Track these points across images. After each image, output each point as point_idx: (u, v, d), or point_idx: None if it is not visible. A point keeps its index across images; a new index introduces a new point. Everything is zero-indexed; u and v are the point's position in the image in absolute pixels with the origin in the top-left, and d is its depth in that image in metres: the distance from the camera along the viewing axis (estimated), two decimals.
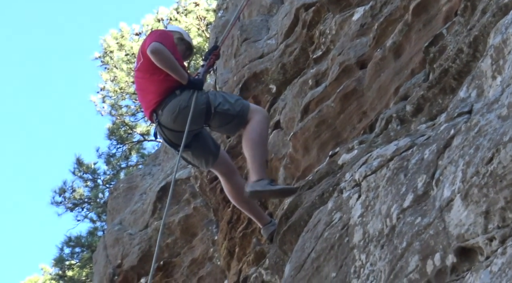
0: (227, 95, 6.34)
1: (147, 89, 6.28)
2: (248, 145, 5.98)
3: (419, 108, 4.79)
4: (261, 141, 6.00)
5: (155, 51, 5.97)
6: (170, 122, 6.12)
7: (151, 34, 6.35)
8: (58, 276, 21.11)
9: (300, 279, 4.33)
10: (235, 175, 6.33)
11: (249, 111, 6.10)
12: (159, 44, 5.99)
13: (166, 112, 6.11)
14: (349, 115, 6.39)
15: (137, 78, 6.48)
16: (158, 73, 6.12)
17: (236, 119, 6.10)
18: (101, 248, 12.33)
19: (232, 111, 6.08)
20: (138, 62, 6.39)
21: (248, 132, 6.03)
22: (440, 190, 3.27)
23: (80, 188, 22.13)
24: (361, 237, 3.82)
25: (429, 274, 3.10)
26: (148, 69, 6.20)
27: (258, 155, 5.93)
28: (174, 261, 10.32)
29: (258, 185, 5.77)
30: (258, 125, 6.02)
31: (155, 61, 6.02)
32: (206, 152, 6.28)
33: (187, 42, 6.70)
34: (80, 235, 21.08)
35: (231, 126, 6.20)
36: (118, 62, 22.60)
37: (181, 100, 6.08)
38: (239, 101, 6.21)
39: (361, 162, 4.37)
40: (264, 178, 5.84)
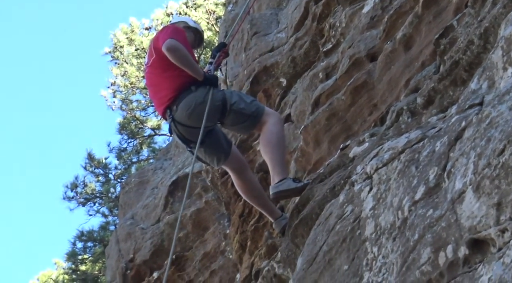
0: (243, 95, 6.33)
1: (160, 85, 6.26)
2: (267, 148, 5.94)
3: (430, 100, 4.78)
4: (279, 142, 5.97)
5: (171, 48, 5.94)
6: (185, 118, 6.08)
7: (163, 30, 6.31)
8: (71, 270, 21.19)
9: (312, 272, 4.33)
10: (246, 170, 6.29)
11: (263, 113, 6.06)
12: (175, 41, 5.96)
13: (181, 108, 6.07)
14: (359, 108, 6.39)
15: (148, 74, 6.44)
16: (172, 69, 6.09)
17: (250, 119, 6.06)
18: (114, 243, 12.38)
19: (247, 110, 6.05)
20: (150, 58, 6.35)
21: (265, 135, 5.99)
22: (452, 182, 3.26)
23: (91, 183, 22.21)
24: (373, 230, 3.82)
25: (441, 266, 3.10)
26: (161, 65, 6.17)
27: (278, 157, 5.89)
28: (186, 255, 10.36)
29: (281, 185, 5.74)
30: (274, 127, 5.99)
31: (171, 59, 5.99)
32: (218, 149, 6.25)
33: (193, 28, 6.67)
34: (92, 230, 21.16)
35: (244, 125, 6.16)
36: (128, 57, 22.62)
37: (197, 96, 6.05)
38: (254, 102, 6.19)
39: (372, 155, 4.36)
40: (286, 177, 5.82)
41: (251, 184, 6.21)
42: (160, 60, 6.16)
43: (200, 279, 10.01)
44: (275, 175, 5.83)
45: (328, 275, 4.11)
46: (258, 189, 6.26)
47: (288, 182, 5.73)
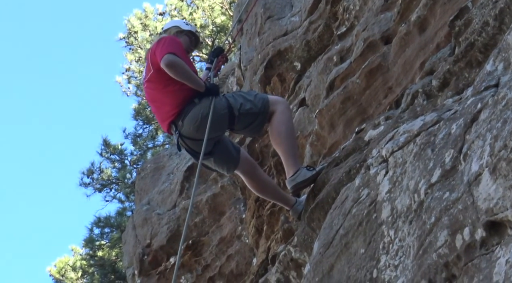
0: (245, 94, 6.21)
1: (161, 101, 6.14)
2: (278, 140, 5.89)
3: (445, 83, 4.76)
4: (290, 132, 5.91)
5: (170, 65, 5.83)
6: (193, 131, 5.99)
7: (159, 43, 6.12)
8: (88, 256, 21.29)
9: (329, 256, 4.34)
10: (256, 171, 6.22)
11: (269, 104, 5.98)
12: (173, 56, 5.85)
13: (187, 122, 5.97)
14: (374, 91, 6.37)
15: (148, 89, 6.29)
16: (172, 84, 5.99)
17: (260, 116, 5.98)
18: (130, 228, 12.43)
19: (255, 108, 5.97)
20: (147, 73, 6.20)
21: (274, 125, 5.93)
22: (468, 164, 3.25)
23: (107, 169, 22.27)
24: (389, 213, 3.82)
25: (458, 249, 3.10)
26: (160, 80, 6.05)
27: (290, 148, 5.85)
28: (203, 240, 10.38)
29: (298, 176, 5.70)
30: (282, 116, 5.92)
31: (171, 75, 5.88)
32: (228, 159, 6.18)
33: (187, 31, 6.53)
34: (109, 216, 21.24)
35: (256, 124, 6.06)
36: (142, 43, 22.63)
37: (202, 108, 5.95)
38: (258, 96, 6.09)
39: (388, 138, 4.35)
40: (300, 167, 5.78)
41: (263, 182, 6.16)
42: (158, 75, 6.04)
43: (216, 263, 10.03)
44: (289, 167, 5.79)
45: (345, 259, 4.12)
46: (270, 184, 6.22)
47: (303, 172, 5.70)
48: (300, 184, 5.73)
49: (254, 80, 8.92)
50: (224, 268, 9.90)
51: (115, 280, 20.00)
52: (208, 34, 21.51)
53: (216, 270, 9.99)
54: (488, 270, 2.89)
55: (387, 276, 3.61)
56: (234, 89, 10.15)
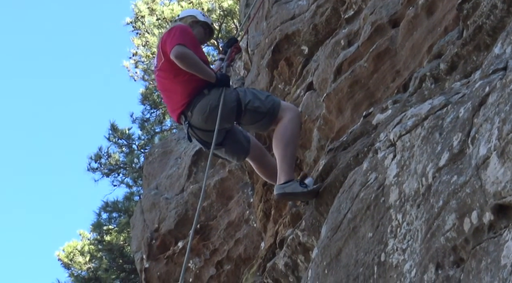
0: (257, 92, 6.21)
1: (172, 90, 6.15)
2: (279, 145, 5.84)
3: (453, 66, 4.75)
4: (293, 140, 5.86)
5: (180, 56, 5.85)
6: (202, 122, 6.00)
7: (170, 33, 6.12)
8: (96, 241, 21.34)
9: (337, 240, 4.34)
10: (265, 157, 6.24)
11: (280, 108, 5.96)
12: (182, 48, 5.86)
13: (196, 112, 5.99)
14: (382, 74, 6.36)
15: (159, 78, 6.31)
16: (183, 74, 5.99)
17: (267, 117, 5.97)
18: (138, 213, 12.46)
19: (263, 108, 5.95)
20: (158, 62, 6.22)
21: (280, 130, 5.89)
22: (476, 148, 3.25)
23: (115, 154, 22.29)
24: (397, 197, 3.82)
25: (466, 232, 3.10)
26: (171, 69, 6.06)
27: (289, 156, 5.79)
28: (211, 224, 10.40)
29: (288, 187, 5.64)
30: (290, 123, 5.88)
31: (181, 66, 5.89)
32: (238, 149, 6.21)
33: (203, 22, 6.53)
34: (117, 200, 21.27)
35: (261, 123, 6.06)
36: (149, 27, 22.59)
37: (211, 99, 5.95)
38: (269, 98, 6.07)
39: (396, 122, 4.35)
40: (293, 179, 5.72)
41: (272, 168, 6.13)
42: (169, 64, 6.04)
43: (225, 248, 10.06)
44: (282, 174, 5.73)
45: (353, 243, 4.12)
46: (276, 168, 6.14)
47: (295, 185, 5.62)
48: (287, 195, 5.67)
49: (261, 64, 8.90)
50: (232, 252, 9.93)
51: (123, 265, 20.06)
52: (215, 19, 21.46)
53: (224, 254, 10.02)
54: (496, 254, 2.89)
55: (395, 260, 3.61)
56: (242, 73, 10.14)
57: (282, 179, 5.69)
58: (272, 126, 6.09)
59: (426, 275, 3.29)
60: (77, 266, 20.90)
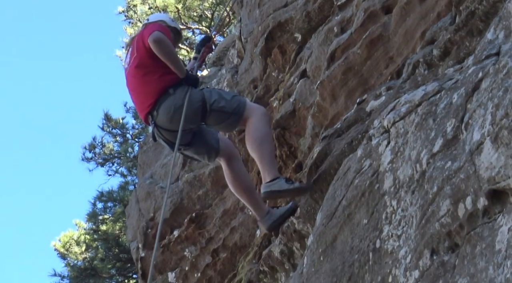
0: (223, 92, 6.19)
1: (139, 90, 6.14)
2: (253, 146, 5.81)
3: (446, 52, 4.75)
4: (266, 138, 5.84)
5: (158, 40, 5.80)
6: (167, 122, 5.98)
7: (147, 27, 6.15)
8: (92, 230, 21.34)
9: (332, 227, 4.35)
10: (235, 161, 6.19)
11: (245, 109, 5.93)
12: (161, 33, 5.84)
13: (161, 112, 5.96)
14: (375, 61, 6.36)
15: (128, 76, 6.29)
16: (151, 73, 5.99)
17: (232, 117, 5.94)
18: (133, 202, 12.45)
19: (228, 108, 5.92)
20: (131, 57, 6.21)
21: (250, 131, 5.86)
22: (470, 133, 3.26)
23: (109, 143, 22.27)
24: (392, 183, 3.83)
25: (461, 218, 3.11)
26: (141, 65, 6.05)
27: (266, 154, 5.76)
28: (206, 213, 10.39)
29: (274, 185, 5.61)
30: (259, 123, 5.85)
31: (157, 51, 5.85)
32: (207, 148, 6.17)
33: (172, 28, 6.50)
34: (112, 190, 21.26)
35: (227, 123, 6.03)
36: (141, 16, 22.53)
37: (175, 99, 5.92)
38: (235, 98, 6.05)
39: (389, 109, 4.36)
40: (279, 176, 5.71)
41: (239, 176, 6.10)
42: (141, 59, 6.04)
43: (220, 236, 10.06)
44: (266, 173, 5.70)
45: (348, 230, 4.14)
46: (248, 182, 6.15)
47: (281, 183, 5.60)
48: (274, 192, 5.64)
49: (255, 52, 8.90)
50: (227, 240, 9.92)
51: (119, 254, 20.08)
52: (207, 7, 21.43)
53: (220, 243, 10.02)
54: (491, 239, 2.90)
55: (390, 246, 3.63)
56: (235, 61, 10.13)
57: (268, 178, 5.66)
58: (238, 126, 6.08)
59: (421, 260, 3.30)
60: (73, 256, 20.90)
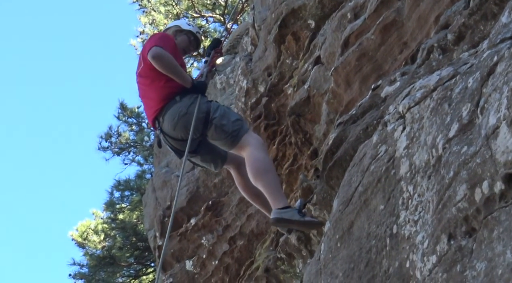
0: (229, 112, 6.11)
1: (148, 96, 6.15)
2: (257, 176, 5.73)
3: (461, 36, 4.74)
4: (269, 167, 5.77)
5: (156, 56, 5.83)
6: (171, 129, 5.98)
7: (150, 39, 6.21)
8: (109, 219, 21.44)
9: (349, 213, 4.36)
10: (243, 167, 6.10)
11: (244, 136, 5.87)
12: (159, 49, 5.85)
13: (166, 119, 5.97)
14: (389, 46, 6.34)
15: (139, 84, 6.32)
16: (158, 80, 5.99)
17: (229, 137, 5.89)
18: (150, 191, 12.50)
19: (228, 128, 5.88)
20: (139, 67, 6.24)
21: (251, 162, 5.78)
22: (485, 118, 3.25)
23: (125, 132, 22.35)
24: (408, 169, 3.83)
25: (477, 202, 3.11)
26: (148, 75, 6.07)
27: (272, 182, 5.69)
28: (223, 201, 10.43)
29: (287, 213, 5.55)
30: (258, 152, 5.79)
31: (156, 67, 5.88)
32: (214, 156, 6.16)
33: (187, 31, 6.53)
34: (129, 179, 21.34)
35: (223, 142, 5.96)
36: (155, 5, 22.55)
37: (181, 107, 5.93)
38: (238, 121, 5.99)
39: (404, 94, 4.35)
40: (291, 206, 5.65)
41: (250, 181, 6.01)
42: (147, 69, 6.05)
43: (237, 223, 10.09)
44: (276, 201, 5.63)
45: (365, 216, 4.14)
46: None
47: (293, 212, 5.54)
48: (284, 220, 5.57)
49: (268, 39, 8.89)
50: (244, 228, 9.96)
51: (137, 243, 20.15)
52: None
53: (236, 230, 10.05)
54: (508, 223, 2.90)
55: (407, 232, 3.63)
56: (249, 49, 10.13)
57: (280, 204, 5.60)
58: (233, 149, 5.99)
59: (439, 245, 3.30)
60: (92, 245, 21.00)
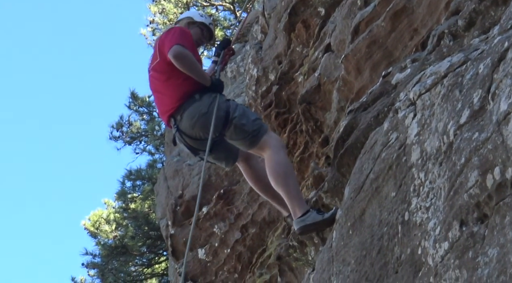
0: (248, 111, 6.09)
1: (163, 92, 6.08)
2: (279, 180, 5.68)
3: (471, 22, 4.72)
4: (290, 172, 5.74)
5: (178, 56, 5.77)
6: (189, 128, 5.92)
7: (168, 33, 6.09)
8: (121, 209, 21.49)
9: (360, 200, 4.36)
10: (253, 160, 6.11)
11: (264, 135, 5.84)
12: (181, 48, 5.79)
13: (185, 118, 5.90)
14: (400, 33, 6.33)
15: (152, 78, 6.24)
16: (175, 77, 5.93)
17: (249, 137, 5.85)
18: (162, 180, 12.52)
19: (248, 127, 5.84)
20: (153, 61, 6.17)
21: (272, 166, 5.73)
22: (497, 104, 3.24)
23: (136, 122, 22.38)
24: (419, 156, 3.83)
25: (489, 188, 3.11)
26: (164, 71, 6.00)
27: (293, 188, 5.65)
28: (234, 189, 10.44)
29: (307, 218, 5.52)
30: (278, 156, 5.75)
31: (178, 66, 5.82)
32: (227, 154, 6.12)
33: (199, 23, 6.46)
34: (140, 168, 21.38)
35: (242, 142, 5.92)
36: None
37: (201, 106, 5.87)
38: (258, 121, 5.96)
39: (415, 81, 4.34)
40: (309, 209, 5.61)
41: (260, 172, 6.01)
42: (164, 65, 5.99)
43: (249, 211, 10.10)
44: (296, 208, 5.59)
45: (376, 203, 4.14)
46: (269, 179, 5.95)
47: (313, 215, 5.51)
48: (310, 226, 5.55)
49: (278, 27, 8.88)
50: (256, 216, 9.97)
51: (149, 232, 20.20)
52: None
53: (248, 218, 10.06)
54: None
55: (418, 218, 3.63)
56: (259, 37, 10.11)
57: (299, 212, 5.57)
58: (252, 149, 5.97)
59: (451, 232, 3.30)
60: (104, 234, 21.07)
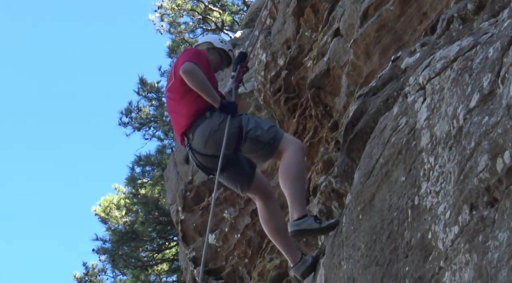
0: (261, 121, 6.04)
1: (178, 111, 6.06)
2: (287, 182, 5.66)
3: (481, 6, 4.70)
4: (300, 175, 5.69)
5: (187, 71, 5.77)
6: (201, 146, 5.88)
7: (184, 53, 6.12)
8: (131, 194, 21.55)
9: (370, 185, 4.36)
10: (271, 201, 6.00)
11: (282, 141, 5.80)
12: (192, 64, 5.79)
13: (197, 135, 5.88)
14: (409, 17, 6.31)
15: (168, 99, 6.25)
16: (188, 96, 5.90)
17: (267, 147, 5.82)
18: (172, 166, 12.55)
19: (264, 138, 5.80)
20: (169, 82, 6.17)
21: (285, 165, 5.72)
22: (506, 87, 3.24)
23: (145, 108, 22.42)
24: (429, 140, 3.83)
25: (499, 172, 3.10)
26: (179, 90, 5.99)
27: (298, 191, 5.63)
28: None
29: (303, 223, 5.49)
30: (294, 157, 5.71)
31: (187, 82, 5.81)
32: (241, 176, 6.01)
33: (219, 49, 6.45)
34: (149, 154, 21.43)
35: (261, 153, 5.90)
36: None
37: (212, 123, 5.84)
38: (272, 129, 5.91)
39: (425, 65, 4.33)
40: (307, 214, 5.58)
41: (274, 217, 5.93)
42: (178, 85, 5.97)
43: None
44: (294, 211, 5.56)
45: (386, 188, 4.14)
46: (281, 224, 5.91)
47: (310, 221, 5.49)
48: (303, 231, 5.53)
49: (287, 12, 8.86)
50: None
51: (159, 217, 20.26)
52: None
53: None
54: None
55: (428, 203, 3.63)
56: (268, 22, 10.10)
57: (296, 215, 5.54)
58: (272, 157, 5.97)
59: (461, 216, 3.30)
60: (114, 220, 21.14)
